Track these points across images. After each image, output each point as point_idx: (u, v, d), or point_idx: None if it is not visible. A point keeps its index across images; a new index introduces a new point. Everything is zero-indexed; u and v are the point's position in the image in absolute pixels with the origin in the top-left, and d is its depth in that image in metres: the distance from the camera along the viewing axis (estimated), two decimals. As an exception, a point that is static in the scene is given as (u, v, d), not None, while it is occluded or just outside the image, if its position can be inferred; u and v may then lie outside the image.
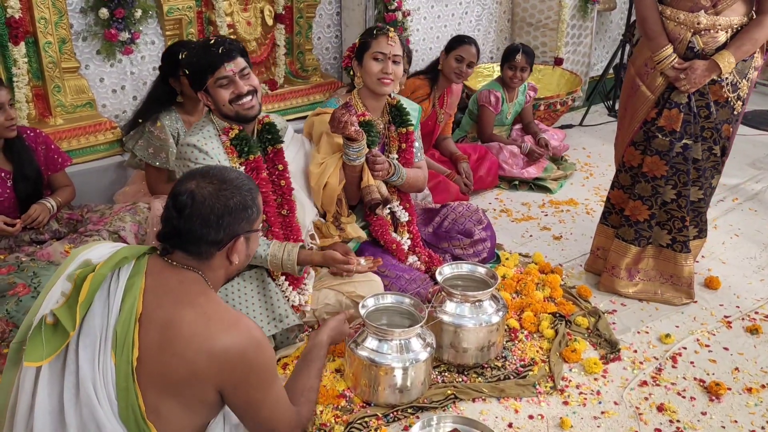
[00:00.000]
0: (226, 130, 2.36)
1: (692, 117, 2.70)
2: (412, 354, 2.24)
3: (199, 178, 1.60)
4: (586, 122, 5.15)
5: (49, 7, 3.09)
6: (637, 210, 2.85)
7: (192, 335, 1.50)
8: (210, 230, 1.56)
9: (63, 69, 3.23)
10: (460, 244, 3.02)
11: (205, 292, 1.60)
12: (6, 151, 2.75)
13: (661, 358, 2.60)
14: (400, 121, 2.84)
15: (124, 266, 1.58)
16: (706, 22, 2.58)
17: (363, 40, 2.72)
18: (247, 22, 3.83)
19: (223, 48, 2.26)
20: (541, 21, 5.11)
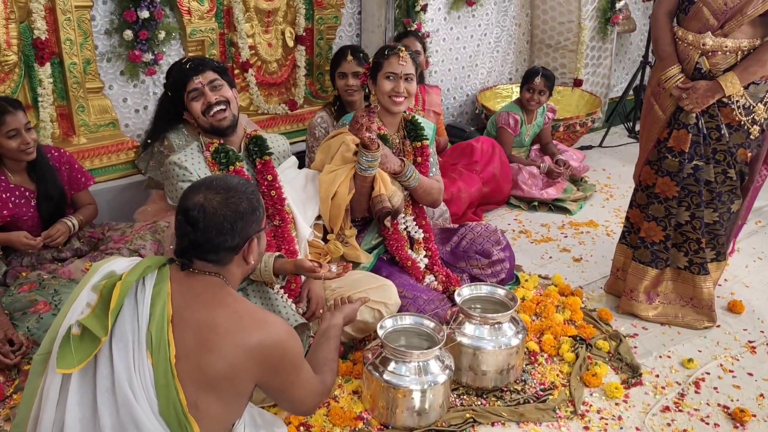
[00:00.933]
0: (208, 145, 2.44)
1: (702, 138, 2.68)
2: (430, 376, 2.22)
3: (204, 190, 1.66)
4: (605, 143, 5.13)
5: (75, 28, 3.14)
6: (651, 231, 2.83)
7: (227, 333, 1.58)
8: (226, 237, 1.64)
9: (87, 89, 3.28)
10: (478, 264, 3.01)
11: (231, 293, 1.69)
12: (30, 171, 2.79)
13: (683, 383, 2.56)
14: (414, 136, 2.89)
15: (149, 275, 1.65)
16: (712, 43, 2.58)
17: (376, 60, 2.77)
18: (269, 43, 3.87)
19: (191, 63, 2.39)
20: (560, 42, 5.12)
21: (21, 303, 2.52)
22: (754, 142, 2.72)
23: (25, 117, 2.69)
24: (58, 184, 2.84)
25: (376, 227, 2.90)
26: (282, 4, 3.85)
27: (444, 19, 4.58)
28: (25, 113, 2.71)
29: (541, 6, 5.09)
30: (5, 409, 2.29)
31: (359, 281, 2.64)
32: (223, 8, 3.63)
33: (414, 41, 3.83)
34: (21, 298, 2.54)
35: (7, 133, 2.62)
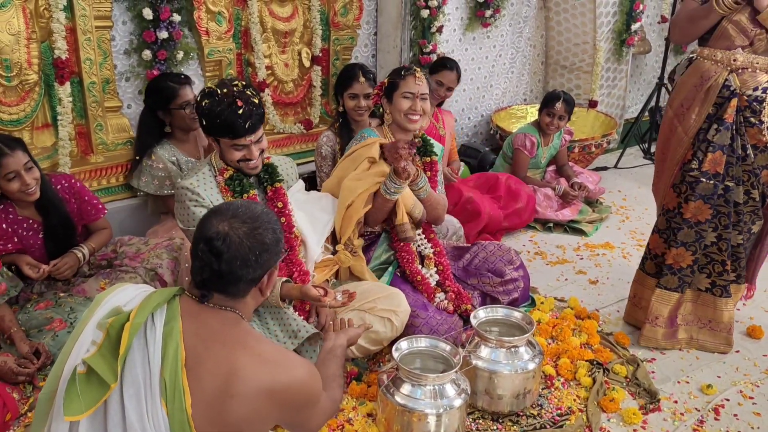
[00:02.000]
0: (222, 171, 2.46)
1: (735, 159, 2.65)
2: (446, 400, 2.20)
3: (230, 218, 1.58)
4: (621, 165, 5.10)
5: (95, 48, 3.18)
6: (680, 257, 2.78)
7: (251, 378, 1.52)
8: (249, 270, 1.58)
9: (106, 108, 3.31)
10: (490, 281, 2.99)
11: (249, 331, 1.63)
12: (37, 203, 2.66)
13: (702, 409, 2.51)
14: (424, 151, 2.98)
15: (158, 311, 1.57)
16: (743, 59, 2.56)
17: (392, 80, 2.83)
18: (285, 63, 3.90)
19: (250, 122, 2.34)
20: (575, 64, 5.12)
21: (37, 320, 2.53)
22: None
23: (26, 156, 2.54)
24: (65, 217, 2.74)
25: (386, 241, 2.94)
26: (299, 25, 3.88)
27: (459, 40, 4.60)
28: (26, 150, 2.56)
29: (556, 27, 5.10)
30: (20, 427, 2.29)
31: (368, 291, 2.65)
32: (240, 29, 3.67)
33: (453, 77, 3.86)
34: (37, 315, 2.55)
35: (6, 175, 2.49)
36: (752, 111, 2.61)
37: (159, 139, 3.23)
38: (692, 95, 2.67)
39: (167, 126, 3.22)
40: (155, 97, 3.17)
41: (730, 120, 2.61)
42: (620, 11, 4.97)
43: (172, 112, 3.15)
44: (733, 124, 2.62)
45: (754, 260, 2.90)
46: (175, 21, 3.28)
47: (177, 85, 3.13)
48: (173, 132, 3.24)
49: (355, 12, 4.08)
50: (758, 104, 2.59)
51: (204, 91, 2.40)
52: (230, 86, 2.36)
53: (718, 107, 2.63)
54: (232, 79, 2.49)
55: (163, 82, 3.16)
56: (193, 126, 3.18)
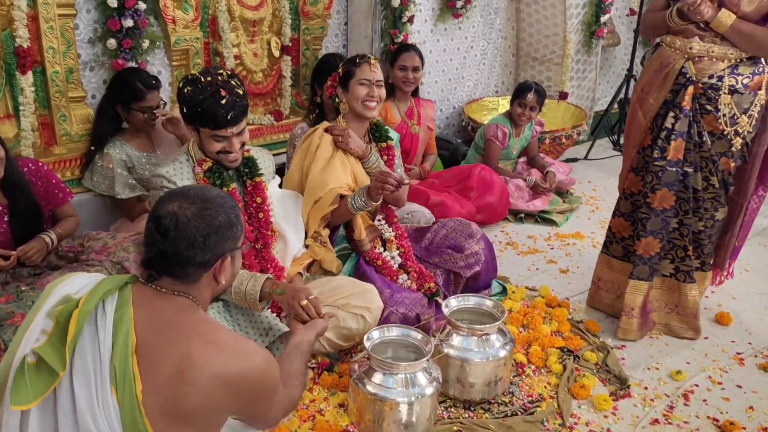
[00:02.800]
0: (201, 162, 2.39)
1: (692, 146, 2.69)
2: (417, 389, 2.19)
3: (180, 198, 1.56)
4: (591, 156, 5.14)
5: (58, 37, 3.10)
6: (649, 246, 2.80)
7: (205, 366, 1.48)
8: (197, 251, 1.54)
9: (70, 98, 3.22)
10: (451, 257, 3.00)
11: (205, 318, 1.59)
12: (2, 186, 2.63)
13: (672, 395, 2.54)
14: (379, 137, 2.97)
15: (109, 298, 1.53)
16: (699, 48, 2.59)
17: (347, 68, 2.83)
18: (254, 53, 3.85)
19: (232, 114, 2.26)
20: (545, 56, 5.14)
21: (-2, 314, 2.46)
22: (737, 153, 2.71)
23: None
24: (31, 200, 2.70)
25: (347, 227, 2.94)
26: (268, 14, 3.83)
27: (431, 31, 4.59)
28: None
29: (527, 19, 5.12)
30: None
31: (341, 287, 2.62)
32: (208, 17, 3.60)
33: (414, 56, 3.89)
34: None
35: None
36: (708, 99, 2.64)
37: (114, 132, 3.17)
38: (652, 80, 2.72)
39: (124, 122, 3.16)
40: (119, 91, 3.10)
41: (687, 107, 2.65)
42: (590, 3, 5.01)
43: (131, 112, 3.09)
44: (691, 111, 2.66)
45: (724, 247, 2.93)
46: (140, 9, 3.20)
47: (145, 88, 3.07)
48: (129, 128, 3.19)
49: (325, 1, 4.03)
50: (714, 92, 2.62)
51: (187, 78, 2.30)
52: (215, 74, 2.28)
53: (675, 94, 2.67)
54: (216, 67, 2.41)
55: (133, 81, 3.09)
56: (148, 129, 3.15)
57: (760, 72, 2.60)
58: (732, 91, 2.60)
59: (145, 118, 3.11)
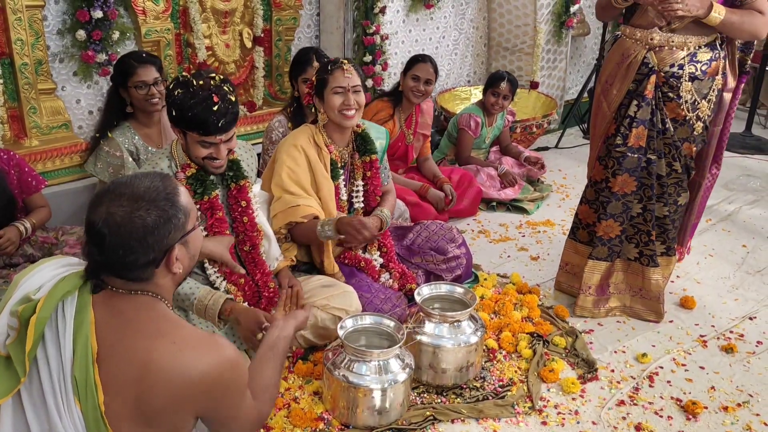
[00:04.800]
0: (185, 167, 2.33)
1: (655, 133, 2.76)
2: (390, 375, 2.23)
3: (107, 200, 1.44)
4: (561, 144, 5.22)
5: (26, 28, 3.07)
6: (609, 228, 2.89)
7: (167, 367, 1.43)
8: (137, 255, 1.44)
9: (39, 90, 3.20)
10: (433, 260, 3.04)
11: (165, 315, 1.51)
12: None
13: (638, 377, 2.62)
14: (364, 150, 2.88)
15: (68, 299, 1.46)
16: (659, 38, 2.66)
17: (320, 76, 2.70)
18: (226, 44, 3.84)
19: (223, 121, 2.20)
20: (516, 45, 5.19)
21: (-30, 309, 2.45)
22: (698, 138, 2.81)
23: None
24: (5, 189, 2.72)
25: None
26: (239, 5, 3.82)
27: (402, 21, 4.61)
28: None
29: (497, 9, 5.16)
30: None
31: (321, 287, 2.64)
32: (179, 8, 3.59)
33: (429, 68, 3.71)
34: (-30, 304, 2.47)
35: None
36: (670, 87, 2.71)
37: (120, 118, 3.07)
38: (615, 71, 2.79)
39: (128, 106, 3.06)
40: (116, 72, 3.03)
41: (650, 96, 2.72)
42: (559, -7, 5.06)
43: (129, 91, 3.00)
44: (653, 100, 2.73)
45: (683, 226, 3.04)
46: (110, 0, 3.19)
47: (137, 63, 2.97)
48: (135, 113, 3.08)
49: (297, -8, 4.04)
50: (676, 80, 2.70)
51: (178, 80, 2.23)
52: (207, 79, 2.21)
53: (638, 84, 2.74)
54: (209, 70, 2.35)
55: (125, 58, 3.03)
56: (149, 108, 3.03)
57: (717, 58, 2.68)
58: (692, 78, 2.68)
59: (142, 95, 2.98)
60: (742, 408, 2.47)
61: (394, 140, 3.79)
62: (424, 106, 3.93)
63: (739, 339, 2.88)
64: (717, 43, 2.67)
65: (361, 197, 2.93)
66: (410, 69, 3.74)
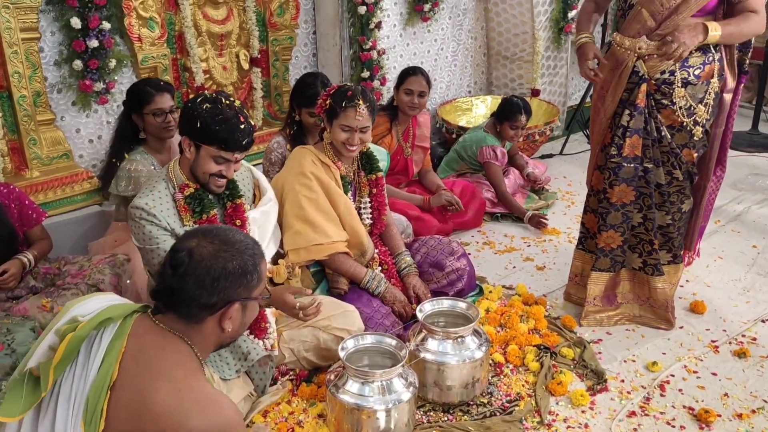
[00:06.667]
0: (183, 188, 2.34)
1: (650, 141, 2.73)
2: (394, 395, 2.20)
3: (200, 236, 1.55)
4: (566, 151, 5.18)
5: (23, 61, 3.09)
6: (610, 239, 2.86)
7: (162, 413, 1.42)
8: (203, 292, 1.49)
9: (38, 121, 3.22)
10: (433, 278, 3.00)
11: (185, 363, 1.52)
12: None
13: (648, 386, 2.57)
14: (369, 168, 2.91)
15: (109, 327, 1.51)
16: (647, 47, 2.63)
17: (333, 105, 2.68)
18: (223, 67, 3.85)
19: (247, 140, 2.26)
20: (516, 54, 5.18)
21: (-27, 342, 2.45)
22: (699, 143, 2.76)
23: None
24: (6, 223, 2.71)
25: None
26: (235, 27, 3.84)
27: (399, 35, 4.61)
28: None
29: (495, 18, 5.15)
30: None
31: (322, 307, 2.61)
32: (174, 34, 3.61)
33: (421, 80, 3.67)
34: (-27, 338, 2.47)
35: None
36: (663, 94, 2.68)
37: (133, 144, 3.08)
38: (610, 78, 2.76)
39: (141, 132, 3.07)
40: (130, 99, 3.04)
41: (642, 104, 2.69)
42: (556, 0, 5.04)
43: (144, 118, 3.00)
44: (646, 108, 2.70)
45: (691, 229, 2.99)
46: (105, 29, 3.20)
47: (154, 90, 2.99)
48: (148, 139, 3.08)
49: (292, 12, 4.05)
50: (668, 87, 2.67)
51: (204, 96, 2.27)
52: (231, 100, 2.28)
53: (630, 92, 2.71)
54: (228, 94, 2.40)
55: (141, 85, 3.05)
56: (164, 135, 3.04)
57: (710, 61, 2.64)
58: (685, 84, 2.65)
59: (159, 122, 2.99)
60: (756, 414, 2.41)
61: (393, 154, 3.77)
62: (421, 118, 3.90)
63: (752, 343, 2.82)
64: (710, 46, 2.63)
65: (369, 213, 2.93)
66: (402, 83, 3.71)
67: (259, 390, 2.43)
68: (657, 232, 2.83)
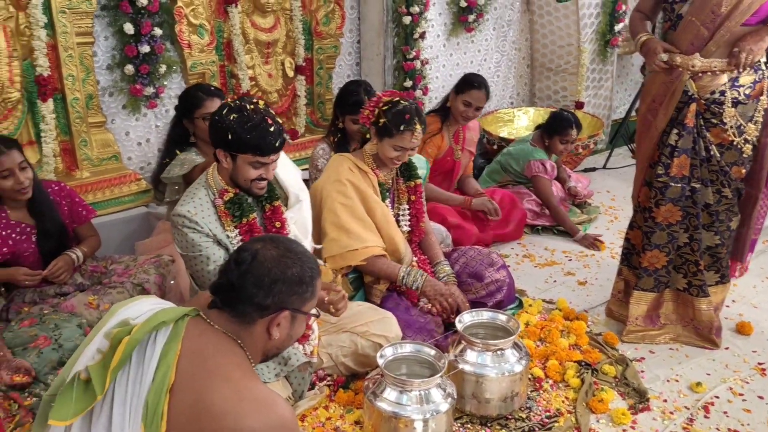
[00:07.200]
0: (222, 193, 2.35)
1: (699, 161, 2.68)
2: (432, 405, 2.19)
3: (268, 240, 1.62)
4: (609, 165, 5.11)
5: (77, 64, 3.18)
6: (654, 259, 2.81)
7: (222, 414, 1.45)
8: (260, 292, 1.54)
9: (90, 124, 3.31)
10: (472, 288, 2.98)
11: (241, 364, 1.55)
12: (30, 207, 2.74)
13: (692, 407, 2.51)
14: (408, 175, 2.93)
15: (162, 330, 1.54)
16: (701, 64, 2.57)
17: (389, 124, 2.66)
18: (269, 74, 3.91)
19: (279, 141, 2.26)
20: (560, 66, 5.14)
21: (21, 338, 2.51)
22: (746, 159, 2.70)
23: (21, 156, 2.61)
24: (57, 220, 2.80)
25: None
26: (281, 36, 3.89)
27: (443, 45, 4.62)
28: (21, 152, 2.63)
29: (540, 30, 5.12)
30: (6, 445, 2.28)
31: (360, 313, 2.63)
32: (223, 41, 3.68)
33: (483, 97, 3.66)
34: (22, 333, 2.53)
35: (1, 173, 2.57)
36: (712, 113, 2.63)
37: (183, 147, 3.13)
38: (663, 92, 2.70)
39: (192, 136, 3.13)
40: (182, 103, 3.11)
41: (690, 124, 2.64)
42: (603, 12, 5.00)
43: (195, 122, 3.06)
44: (695, 128, 2.65)
45: (741, 240, 2.90)
46: (156, 35, 3.29)
47: (205, 95, 3.04)
48: (197, 143, 3.14)
49: (338, 21, 4.09)
50: (717, 106, 2.62)
51: (229, 106, 2.26)
52: (253, 103, 2.28)
53: (678, 111, 2.66)
54: (250, 97, 2.40)
55: (192, 90, 3.11)
56: None
57: (761, 79, 2.59)
58: (735, 103, 2.59)
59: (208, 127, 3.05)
60: (805, 441, 2.34)
61: (443, 155, 3.78)
62: (471, 123, 3.89)
63: (801, 367, 2.75)
64: (762, 62, 2.57)
65: (408, 220, 2.95)
66: (463, 92, 3.65)
67: (297, 395, 2.45)
68: (704, 252, 2.77)
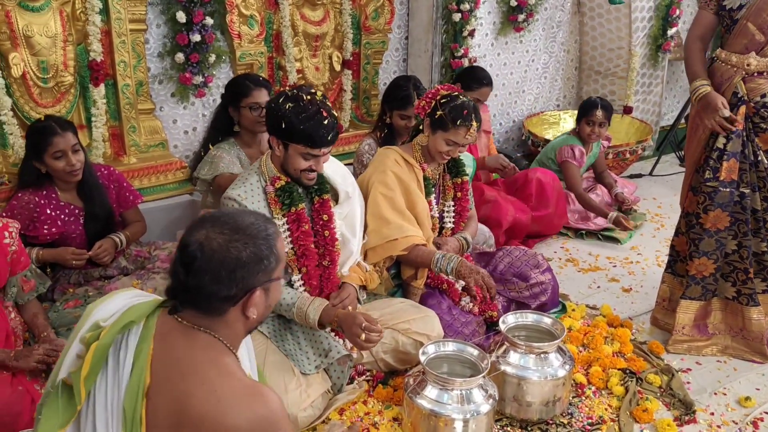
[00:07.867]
0: (274, 180, 2.37)
1: (747, 166, 2.62)
2: (473, 405, 2.16)
3: (209, 226, 1.43)
4: (656, 172, 5.00)
5: (129, 51, 3.22)
6: (702, 266, 2.74)
7: (202, 416, 1.38)
8: (221, 286, 1.41)
9: (139, 110, 3.34)
10: (516, 287, 2.94)
11: (216, 360, 1.45)
12: (79, 189, 2.79)
13: (740, 422, 2.43)
14: (455, 172, 2.91)
15: (133, 329, 1.45)
16: (757, 63, 2.54)
17: (444, 118, 2.63)
18: (316, 67, 3.90)
19: (332, 134, 2.26)
20: (610, 69, 5.04)
21: (66, 319, 2.55)
22: None
23: (74, 138, 2.65)
24: (105, 203, 2.84)
25: None
26: (330, 29, 3.89)
27: (491, 44, 4.56)
28: (75, 134, 2.68)
29: (590, 32, 5.03)
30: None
31: (402, 311, 2.62)
32: (272, 32, 3.68)
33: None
34: (66, 314, 2.57)
35: (54, 154, 2.61)
36: (761, 117, 2.59)
37: (226, 135, 3.15)
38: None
39: (236, 125, 3.13)
40: (229, 92, 3.11)
41: (740, 127, 2.58)
42: (656, 16, 4.89)
43: (241, 111, 3.06)
44: (744, 131, 2.59)
45: None
46: (207, 24, 3.31)
47: (252, 84, 3.05)
48: (241, 132, 3.14)
49: (387, 16, 4.07)
50: (767, 110, 2.57)
51: (285, 94, 2.26)
52: (311, 94, 2.27)
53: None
54: (309, 86, 2.41)
55: (241, 79, 3.12)
56: (258, 129, 3.08)
57: None
58: None
59: (254, 116, 3.03)
60: None
61: None
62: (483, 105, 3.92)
63: None
64: None
65: (452, 217, 2.93)
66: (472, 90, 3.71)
67: (336, 388, 2.43)
68: (752, 259, 2.69)
